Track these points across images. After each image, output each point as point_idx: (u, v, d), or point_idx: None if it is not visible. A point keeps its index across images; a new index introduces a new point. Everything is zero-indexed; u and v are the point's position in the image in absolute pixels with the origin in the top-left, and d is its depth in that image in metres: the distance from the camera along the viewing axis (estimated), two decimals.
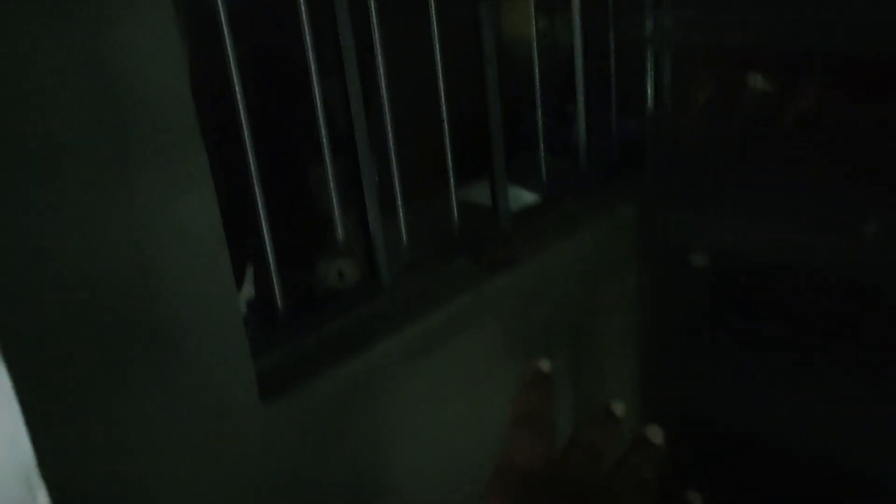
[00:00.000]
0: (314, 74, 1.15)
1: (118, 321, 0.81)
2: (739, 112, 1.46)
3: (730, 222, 1.46)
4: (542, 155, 1.59)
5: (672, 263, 1.57)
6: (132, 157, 0.80)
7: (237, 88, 1.06)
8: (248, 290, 1.80)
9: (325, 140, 1.18)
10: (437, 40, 1.30)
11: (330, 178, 1.21)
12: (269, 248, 1.15)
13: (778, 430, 1.55)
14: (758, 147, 1.48)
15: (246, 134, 1.08)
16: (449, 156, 1.39)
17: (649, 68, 1.58)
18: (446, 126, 1.36)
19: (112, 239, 0.79)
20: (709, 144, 1.54)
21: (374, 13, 1.20)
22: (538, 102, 1.54)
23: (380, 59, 1.24)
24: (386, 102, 1.27)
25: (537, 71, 1.53)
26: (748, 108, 1.44)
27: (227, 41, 1.04)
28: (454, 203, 1.41)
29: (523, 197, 1.65)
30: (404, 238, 1.32)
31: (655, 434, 0.54)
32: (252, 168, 1.10)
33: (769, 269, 1.52)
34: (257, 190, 1.11)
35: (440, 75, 1.33)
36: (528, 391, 0.56)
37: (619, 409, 0.55)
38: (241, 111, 1.07)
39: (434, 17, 1.29)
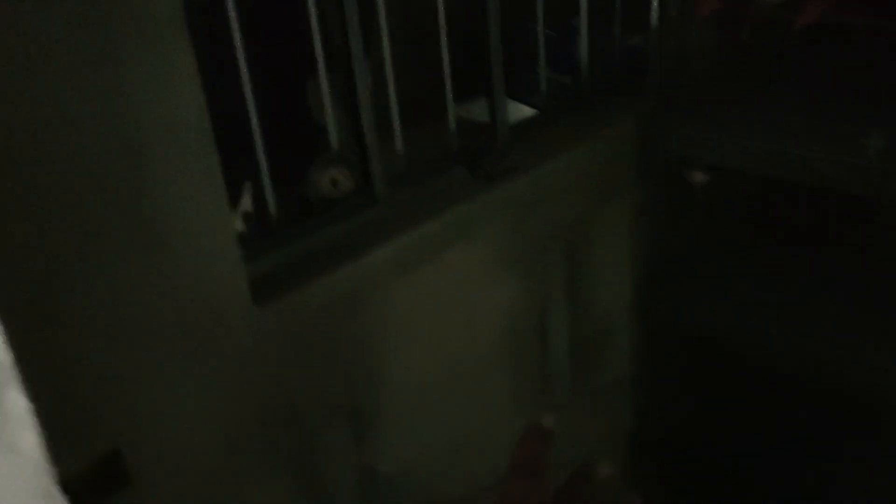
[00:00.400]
0: None
1: (105, 210, 0.81)
2: (746, 24, 1.42)
3: (732, 138, 1.43)
4: (542, 69, 1.56)
5: (672, 180, 1.55)
6: (116, 48, 0.79)
7: None
8: (246, 203, 1.80)
9: (319, 47, 1.16)
10: None
11: (325, 85, 1.19)
12: (262, 156, 1.14)
13: (775, 346, 1.56)
14: (762, 61, 1.45)
15: (238, 41, 1.06)
16: (447, 67, 1.36)
17: None
18: (444, 39, 1.33)
19: (98, 130, 0.79)
20: (713, 58, 1.51)
21: None
22: (539, 16, 1.50)
23: None
24: (383, 13, 1.24)
25: None
26: (755, 19, 1.40)
27: None
28: (452, 116, 1.40)
29: (525, 114, 1.62)
30: (399, 148, 1.31)
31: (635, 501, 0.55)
32: (245, 75, 1.08)
33: (770, 185, 1.50)
34: (250, 96, 1.10)
35: None
36: (528, 443, 0.57)
37: (605, 469, 0.57)
38: (233, 17, 1.04)
39: None
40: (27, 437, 0.59)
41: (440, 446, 1.37)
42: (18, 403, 0.56)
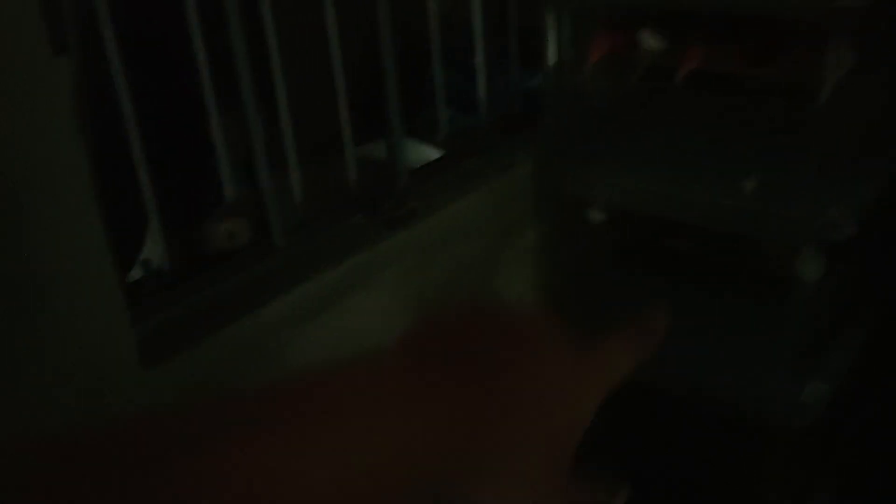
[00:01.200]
0: (194, 21, 1.10)
1: None
2: (634, 69, 1.48)
3: (620, 180, 1.49)
4: (441, 110, 1.58)
5: (571, 218, 1.60)
6: None
7: (112, 42, 1.01)
8: (149, 250, 1.75)
9: (210, 97, 1.15)
10: None
11: (217, 134, 1.17)
12: (152, 208, 1.12)
13: (675, 377, 1.61)
14: (650, 105, 1.52)
15: (124, 88, 1.04)
16: (344, 111, 1.36)
17: (550, 25, 1.58)
18: (341, 80, 1.33)
19: None
20: (604, 101, 1.56)
21: None
22: (436, 57, 1.53)
23: (267, 9, 1.20)
24: (276, 56, 1.23)
25: (435, 25, 1.51)
26: (641, 66, 1.46)
27: None
28: (351, 160, 1.40)
29: (428, 153, 1.64)
30: (297, 196, 1.30)
31: None
32: (132, 125, 1.06)
33: (664, 222, 1.56)
34: (137, 146, 1.08)
35: (334, 27, 1.30)
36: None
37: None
38: (117, 62, 1.02)
39: None
40: None
41: None
42: None
